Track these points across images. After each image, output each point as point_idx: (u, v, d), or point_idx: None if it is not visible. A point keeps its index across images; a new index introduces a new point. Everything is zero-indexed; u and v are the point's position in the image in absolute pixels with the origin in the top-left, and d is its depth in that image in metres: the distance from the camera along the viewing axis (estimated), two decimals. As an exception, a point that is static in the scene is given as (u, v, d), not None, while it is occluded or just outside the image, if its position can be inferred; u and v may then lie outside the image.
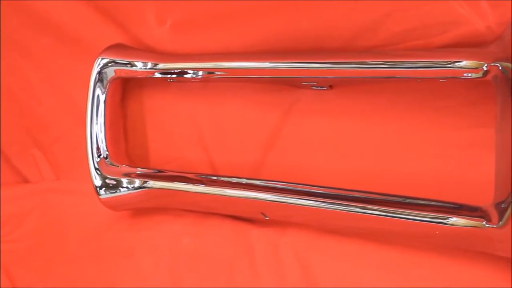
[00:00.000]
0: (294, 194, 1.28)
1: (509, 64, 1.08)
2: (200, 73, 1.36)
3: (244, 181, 1.34)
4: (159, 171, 1.42)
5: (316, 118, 1.32)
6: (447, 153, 1.23)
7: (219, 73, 1.34)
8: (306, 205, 1.26)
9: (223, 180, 1.36)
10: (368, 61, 1.19)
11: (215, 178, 1.38)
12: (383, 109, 1.27)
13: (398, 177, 1.27)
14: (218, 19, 1.35)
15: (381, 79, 1.22)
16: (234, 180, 1.35)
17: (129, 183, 1.41)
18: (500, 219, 1.09)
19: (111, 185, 1.42)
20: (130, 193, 1.41)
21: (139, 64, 1.40)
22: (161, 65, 1.39)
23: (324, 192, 1.27)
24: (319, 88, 1.29)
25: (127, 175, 1.42)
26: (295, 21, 1.28)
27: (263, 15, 1.30)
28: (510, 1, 1.13)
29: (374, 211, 1.20)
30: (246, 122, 1.39)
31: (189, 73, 1.37)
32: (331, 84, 1.29)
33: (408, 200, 1.20)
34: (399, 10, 1.20)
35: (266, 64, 1.29)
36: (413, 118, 1.25)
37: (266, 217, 1.31)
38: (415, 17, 1.19)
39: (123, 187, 1.41)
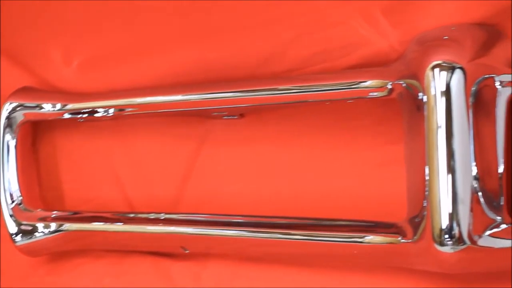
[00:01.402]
0: (214, 225, 1.28)
1: (413, 81, 1.10)
2: (111, 110, 1.35)
3: (162, 216, 1.33)
4: (75, 213, 1.40)
5: (230, 147, 1.32)
6: (361, 172, 1.24)
7: (130, 109, 1.33)
8: (226, 235, 1.26)
9: (141, 217, 1.35)
10: (276, 87, 1.20)
11: (133, 215, 1.36)
12: (296, 133, 1.28)
13: (315, 199, 1.28)
14: (126, 55, 1.35)
15: (291, 104, 1.22)
16: (152, 216, 1.33)
17: (45, 227, 1.38)
18: (414, 234, 1.11)
19: (26, 231, 1.39)
20: (46, 237, 1.38)
21: (48, 106, 1.38)
22: (70, 106, 1.37)
23: (243, 220, 1.27)
24: (230, 117, 1.29)
25: (42, 219, 1.39)
26: (202, 52, 1.29)
27: (171, 48, 1.30)
28: (411, 20, 1.15)
29: (294, 235, 1.20)
30: (161, 156, 1.38)
31: (99, 112, 1.36)
32: (242, 113, 1.29)
33: (325, 222, 1.20)
34: (305, 34, 1.21)
35: (176, 97, 1.29)
36: (327, 139, 1.27)
37: (186, 250, 1.30)
38: (320, 41, 1.21)
39: (39, 232, 1.39)
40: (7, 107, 1.39)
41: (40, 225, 1.39)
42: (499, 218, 1.09)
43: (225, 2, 1.25)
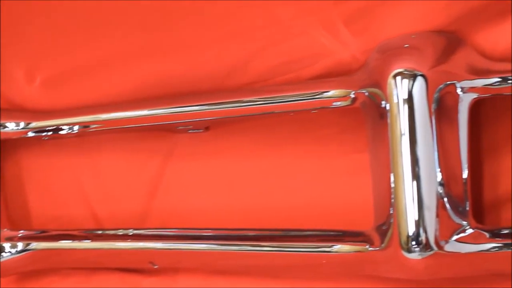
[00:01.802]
0: (182, 239, 1.27)
1: (375, 90, 1.11)
2: (76, 127, 1.34)
3: (130, 232, 1.32)
4: (43, 232, 1.39)
5: (196, 161, 1.32)
6: (327, 182, 1.25)
7: (95, 125, 1.33)
8: (195, 249, 1.26)
9: (109, 234, 1.34)
10: (240, 99, 1.20)
11: (101, 232, 1.35)
12: (262, 144, 1.29)
13: (283, 210, 1.28)
14: (89, 71, 1.34)
15: (256, 116, 1.22)
16: (121, 232, 1.33)
17: (12, 247, 1.37)
18: (382, 241, 1.11)
19: (-7, 251, 1.37)
20: (13, 257, 1.37)
21: (11, 125, 1.37)
22: (34, 124, 1.36)
23: (212, 234, 1.27)
24: (195, 131, 1.29)
25: (9, 239, 1.38)
26: (166, 66, 1.29)
27: (135, 63, 1.30)
28: (372, 29, 1.16)
29: (263, 247, 1.21)
30: (127, 172, 1.38)
31: (64, 129, 1.35)
32: (207, 126, 1.29)
33: (293, 233, 1.21)
34: (267, 46, 1.22)
35: (141, 112, 1.28)
36: (292, 150, 1.27)
37: (155, 265, 1.29)
38: (283, 52, 1.21)
39: (6, 252, 1.37)
40: (-30, 127, 1.38)
41: (6, 245, 1.37)
42: (465, 223, 1.10)
43: (187, 16, 1.25)
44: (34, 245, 1.36)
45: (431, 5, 1.13)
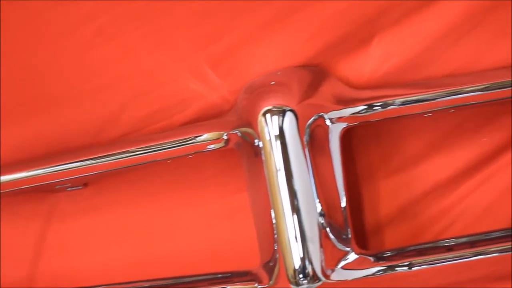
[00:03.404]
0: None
1: (247, 129, 1.12)
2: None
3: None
4: None
5: (78, 218, 1.30)
6: (211, 224, 1.25)
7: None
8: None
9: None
10: (115, 152, 1.19)
11: (-14, 302, 1.31)
12: (144, 194, 1.28)
13: (171, 258, 1.27)
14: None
15: (133, 167, 1.21)
16: (7, 300, 1.29)
17: None
18: (270, 278, 1.12)
19: None
20: None
21: None
22: None
23: (102, 291, 1.24)
24: (74, 188, 1.27)
25: None
26: (38, 126, 1.26)
27: (5, 126, 1.27)
28: (238, 69, 1.18)
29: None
30: (9, 238, 1.34)
31: None
32: (85, 182, 1.27)
33: (184, 280, 1.20)
34: (138, 96, 1.22)
35: (17, 175, 1.25)
36: (174, 196, 1.27)
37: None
38: (153, 101, 1.22)
39: None
40: None
41: None
42: (348, 249, 1.12)
43: (54, 73, 1.23)
44: None
45: (294, 41, 1.16)
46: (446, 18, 1.14)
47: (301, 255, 1.09)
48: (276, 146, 1.10)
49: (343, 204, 1.13)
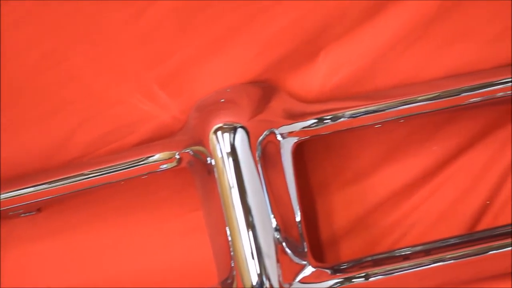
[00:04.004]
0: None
1: (199, 148, 1.12)
2: None
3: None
4: None
5: (33, 243, 1.29)
6: (167, 244, 1.25)
7: None
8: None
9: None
10: (67, 176, 1.18)
11: None
12: (97, 217, 1.27)
13: (130, 278, 1.26)
14: None
15: (87, 190, 1.21)
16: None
17: None
18: (229, 296, 1.12)
19: None
20: None
21: None
22: None
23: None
24: (28, 214, 1.26)
25: None
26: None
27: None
28: (188, 88, 1.18)
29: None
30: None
31: None
32: (38, 208, 1.26)
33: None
34: (88, 119, 1.21)
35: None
36: (130, 218, 1.26)
37: None
38: (104, 123, 1.21)
39: None
40: None
41: None
42: (305, 263, 1.12)
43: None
44: None
45: (242, 58, 1.16)
46: (391, 30, 1.15)
47: (258, 271, 1.09)
48: (229, 163, 1.10)
49: (298, 218, 1.13)
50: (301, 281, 1.12)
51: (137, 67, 1.17)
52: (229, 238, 1.11)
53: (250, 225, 1.10)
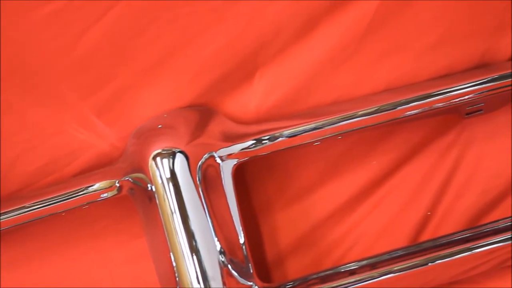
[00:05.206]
0: None
1: (139, 175, 1.12)
2: None
3: None
4: None
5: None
6: (115, 272, 1.24)
7: None
8: None
9: None
10: (7, 210, 1.17)
11: None
12: (41, 250, 1.25)
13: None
14: None
15: (29, 223, 1.19)
16: None
17: None
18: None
19: None
20: None
21: None
22: None
23: None
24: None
25: None
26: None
27: None
28: (125, 115, 1.17)
29: None
30: None
31: None
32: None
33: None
34: (26, 151, 1.20)
35: None
36: (72, 250, 1.25)
37: None
38: (42, 154, 1.20)
39: None
40: None
41: None
42: (251, 284, 1.13)
43: None
44: None
45: (177, 82, 1.17)
46: (326, 47, 1.17)
47: (204, 295, 1.09)
48: (169, 188, 1.10)
49: (242, 239, 1.14)
50: (248, 303, 1.12)
51: (73, 96, 1.16)
52: (174, 264, 1.10)
53: (194, 250, 1.10)
